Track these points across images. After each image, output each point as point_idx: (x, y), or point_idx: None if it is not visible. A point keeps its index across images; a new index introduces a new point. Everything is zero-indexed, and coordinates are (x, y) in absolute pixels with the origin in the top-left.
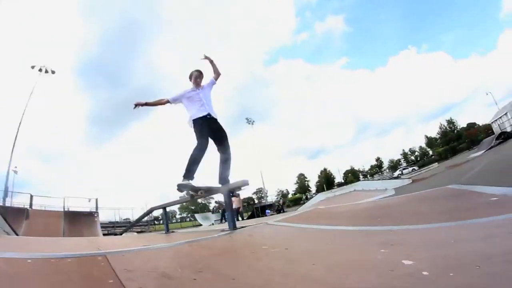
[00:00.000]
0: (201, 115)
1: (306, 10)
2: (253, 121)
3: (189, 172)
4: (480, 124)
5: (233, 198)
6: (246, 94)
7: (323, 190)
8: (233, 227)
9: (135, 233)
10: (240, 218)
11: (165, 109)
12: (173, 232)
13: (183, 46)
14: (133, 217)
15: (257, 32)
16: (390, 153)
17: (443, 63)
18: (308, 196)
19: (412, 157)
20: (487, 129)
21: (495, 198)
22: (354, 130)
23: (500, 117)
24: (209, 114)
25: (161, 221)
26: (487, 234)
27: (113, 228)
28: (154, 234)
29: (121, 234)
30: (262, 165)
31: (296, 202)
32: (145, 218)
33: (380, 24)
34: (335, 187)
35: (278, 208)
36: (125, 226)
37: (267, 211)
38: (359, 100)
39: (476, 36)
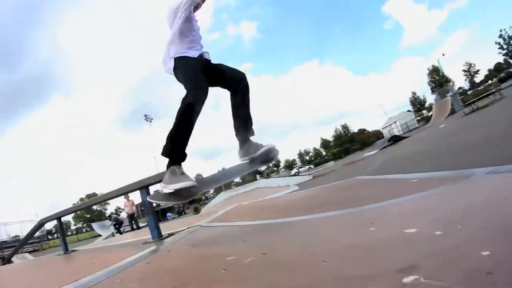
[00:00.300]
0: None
1: (223, 12)
2: (151, 118)
3: (179, 152)
4: (370, 130)
5: (125, 202)
6: (148, 90)
7: (221, 190)
8: (159, 235)
9: (27, 254)
10: (135, 226)
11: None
12: (73, 251)
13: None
14: (23, 233)
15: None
16: (286, 153)
17: (343, 77)
18: (208, 197)
19: (307, 157)
20: (377, 134)
21: (414, 180)
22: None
23: (390, 124)
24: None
25: (55, 235)
26: (426, 204)
27: (1, 251)
28: (49, 258)
29: (9, 259)
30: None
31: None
32: (37, 233)
33: (290, 36)
34: (233, 186)
35: (179, 210)
36: (14, 246)
37: (168, 214)
38: (259, 104)
39: (376, 59)
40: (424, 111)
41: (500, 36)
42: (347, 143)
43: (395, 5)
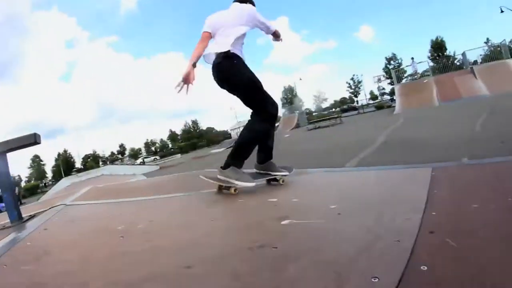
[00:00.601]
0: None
1: None
2: None
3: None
4: (218, 130)
5: None
6: None
7: (61, 176)
8: (19, 217)
9: None
10: None
11: None
12: None
13: None
14: None
15: None
16: (132, 141)
17: (203, 75)
18: (46, 184)
19: (153, 148)
20: (225, 134)
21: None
22: (98, 113)
23: (239, 128)
24: None
25: None
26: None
27: None
28: None
29: None
30: None
31: (33, 191)
32: None
33: (165, 23)
34: (74, 172)
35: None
36: None
37: (1, 204)
38: (112, 83)
39: None
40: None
41: (352, 78)
42: (195, 139)
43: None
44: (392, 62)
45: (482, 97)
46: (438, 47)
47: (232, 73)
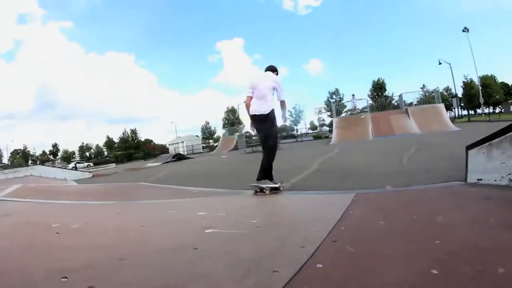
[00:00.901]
0: None
1: None
2: None
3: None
4: (156, 143)
5: None
6: None
7: None
8: None
9: None
10: None
11: None
12: None
13: None
14: None
15: None
16: (67, 142)
17: (149, 83)
18: None
19: (87, 153)
20: (162, 148)
21: (196, 191)
22: (35, 104)
23: (177, 143)
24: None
25: None
26: (210, 203)
27: None
28: None
29: None
30: None
31: None
32: None
33: (126, 20)
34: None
35: None
36: None
37: None
38: (56, 74)
39: (186, 79)
40: (211, 141)
41: (293, 107)
42: (132, 149)
43: (227, 46)
44: (334, 96)
45: (413, 135)
46: (378, 87)
47: (270, 123)
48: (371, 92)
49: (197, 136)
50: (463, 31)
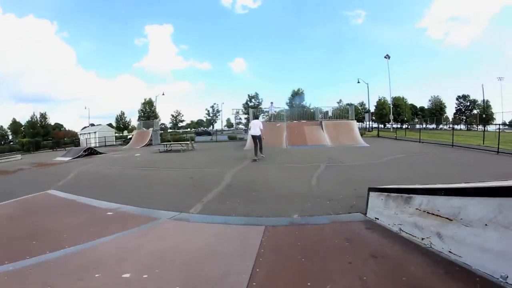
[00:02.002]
0: None
1: None
2: None
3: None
4: (67, 128)
5: None
6: None
7: None
8: None
9: None
10: None
11: None
12: None
13: None
14: None
15: None
16: None
17: (68, 60)
18: None
19: None
20: (74, 136)
21: (110, 213)
22: None
23: (89, 133)
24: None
25: None
26: (128, 247)
27: None
28: None
29: None
30: None
31: None
32: None
33: None
34: None
35: None
36: None
37: None
38: None
39: (110, 63)
40: (125, 132)
41: (212, 106)
42: (40, 136)
43: (156, 31)
44: (253, 100)
45: (324, 146)
46: (297, 97)
47: (260, 137)
48: (289, 101)
49: (110, 125)
50: (385, 57)
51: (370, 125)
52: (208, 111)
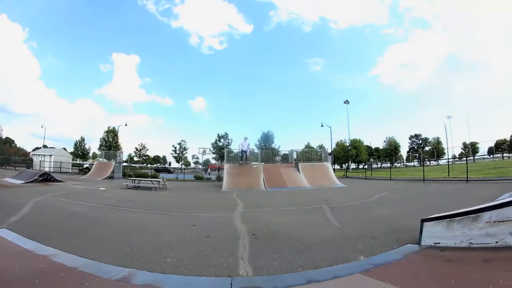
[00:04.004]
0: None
1: None
2: None
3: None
4: (18, 145)
5: None
6: None
7: None
8: None
9: None
10: None
11: None
12: None
13: None
14: None
15: None
16: None
17: (32, 73)
18: None
19: None
20: (24, 155)
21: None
22: None
23: (45, 155)
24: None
25: None
26: None
27: None
28: None
29: None
30: None
31: None
32: None
33: None
34: None
35: None
36: None
37: None
38: None
39: (71, 83)
40: (84, 160)
41: (179, 143)
42: None
43: (122, 60)
44: (222, 140)
45: (304, 188)
46: (266, 139)
47: (246, 156)
48: (259, 142)
49: (65, 150)
50: (344, 102)
51: (333, 167)
52: (175, 148)
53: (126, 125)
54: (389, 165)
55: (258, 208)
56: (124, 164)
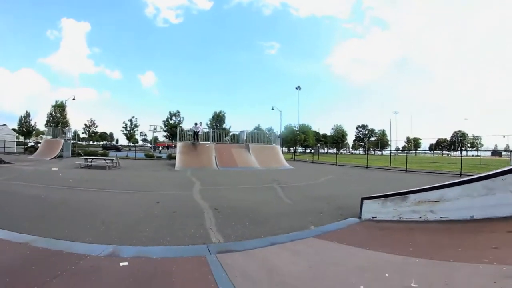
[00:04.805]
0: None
1: None
2: None
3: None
4: None
5: None
6: None
7: None
8: None
9: None
10: None
11: None
12: None
13: None
14: None
15: None
16: None
17: None
18: None
19: None
20: None
21: (124, 263)
22: None
23: None
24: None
25: None
26: None
27: None
28: None
29: None
30: None
31: None
32: None
33: None
34: None
35: None
36: None
37: None
38: None
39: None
40: (30, 140)
41: (130, 120)
42: None
43: (72, 27)
44: (174, 118)
45: (254, 168)
46: (218, 119)
47: (198, 135)
48: (211, 122)
49: (7, 126)
50: (296, 88)
51: (282, 150)
52: (126, 124)
53: (74, 99)
54: (335, 151)
55: (214, 186)
56: (72, 142)
